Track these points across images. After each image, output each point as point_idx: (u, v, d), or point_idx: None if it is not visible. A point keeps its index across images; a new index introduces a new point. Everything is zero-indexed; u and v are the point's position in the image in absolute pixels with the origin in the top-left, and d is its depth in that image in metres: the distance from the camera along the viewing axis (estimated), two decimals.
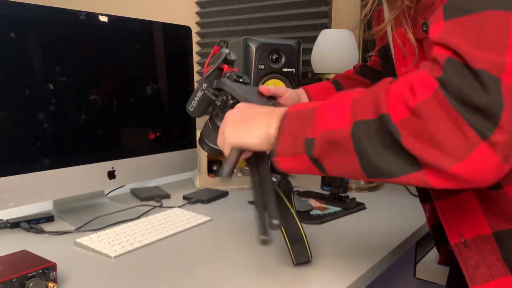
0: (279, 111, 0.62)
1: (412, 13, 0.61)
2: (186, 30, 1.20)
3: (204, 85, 0.79)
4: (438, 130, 0.44)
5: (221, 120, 0.75)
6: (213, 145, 0.79)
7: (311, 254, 0.77)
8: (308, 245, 0.77)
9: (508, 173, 0.45)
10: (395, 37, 0.66)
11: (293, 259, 0.76)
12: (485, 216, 0.60)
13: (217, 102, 0.76)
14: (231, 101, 0.74)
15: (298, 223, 0.77)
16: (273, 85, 0.84)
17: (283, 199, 0.76)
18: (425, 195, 0.80)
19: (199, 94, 0.80)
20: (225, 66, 0.80)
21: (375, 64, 0.98)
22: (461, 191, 0.61)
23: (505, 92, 0.42)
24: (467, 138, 0.43)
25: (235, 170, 0.73)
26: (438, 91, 0.44)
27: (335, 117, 0.53)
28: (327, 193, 1.21)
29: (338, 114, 0.53)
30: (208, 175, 1.32)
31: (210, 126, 0.79)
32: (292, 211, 0.76)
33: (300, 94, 0.92)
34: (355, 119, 0.50)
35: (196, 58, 1.97)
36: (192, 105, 0.82)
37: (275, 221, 0.63)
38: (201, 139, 0.81)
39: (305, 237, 0.77)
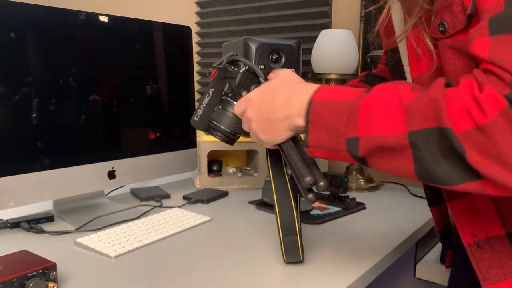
0: (300, 96, 0.60)
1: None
2: (186, 30, 1.20)
3: (211, 90, 0.76)
4: (505, 149, 0.43)
5: (235, 96, 0.72)
6: (229, 130, 0.74)
7: (302, 256, 0.76)
8: (302, 246, 0.76)
9: None
10: (410, 40, 0.64)
11: (284, 255, 0.76)
12: (499, 216, 0.59)
13: (234, 74, 0.71)
14: (249, 74, 0.71)
15: (296, 218, 0.76)
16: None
17: (289, 194, 0.76)
18: (434, 198, 0.80)
19: (206, 99, 0.76)
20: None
21: (381, 72, 0.97)
22: None
23: None
24: None
25: (235, 170, 0.73)
26: (508, 110, 0.43)
27: (386, 123, 0.51)
28: (327, 193, 1.21)
29: (389, 119, 0.51)
30: (208, 175, 1.32)
31: (221, 107, 0.74)
32: (294, 208, 0.76)
33: None
34: (412, 128, 0.49)
35: (196, 58, 1.97)
36: (198, 114, 0.77)
37: (307, 179, 0.62)
38: (211, 127, 0.76)
39: (300, 235, 0.76)
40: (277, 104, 0.63)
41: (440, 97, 0.47)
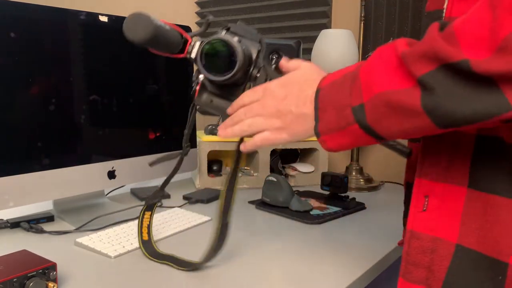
0: (309, 89, 0.59)
1: None
2: (186, 30, 1.20)
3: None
4: None
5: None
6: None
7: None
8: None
9: None
10: None
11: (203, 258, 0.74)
12: None
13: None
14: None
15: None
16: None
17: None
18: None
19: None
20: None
21: None
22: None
23: None
24: None
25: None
26: None
27: (388, 77, 0.48)
28: (327, 193, 1.21)
29: (390, 72, 0.48)
30: (208, 175, 1.32)
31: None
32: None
33: None
34: (418, 74, 0.46)
35: None
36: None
37: None
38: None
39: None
40: (291, 98, 0.61)
41: (439, 37, 0.45)
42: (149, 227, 0.84)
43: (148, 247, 0.82)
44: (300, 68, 0.64)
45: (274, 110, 0.61)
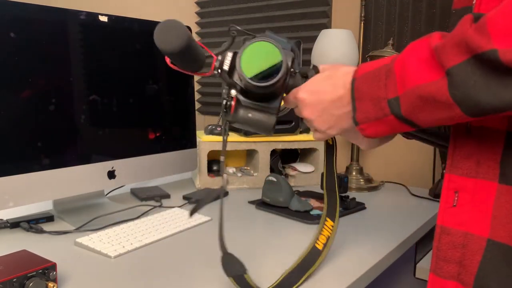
0: (341, 80, 0.61)
1: None
2: None
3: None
4: None
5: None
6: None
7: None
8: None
9: None
10: None
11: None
12: None
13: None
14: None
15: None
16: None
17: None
18: None
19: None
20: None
21: None
22: None
23: None
24: None
25: (235, 170, 0.72)
26: None
27: (420, 70, 0.50)
28: None
29: (422, 66, 0.50)
30: (208, 175, 1.32)
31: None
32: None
33: None
34: (447, 66, 0.47)
35: None
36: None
37: None
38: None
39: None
40: (326, 95, 0.63)
41: (471, 28, 0.45)
42: None
43: None
44: (324, 70, 0.67)
45: (313, 117, 0.65)
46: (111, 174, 1.05)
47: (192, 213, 0.68)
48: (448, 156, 0.59)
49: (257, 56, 0.62)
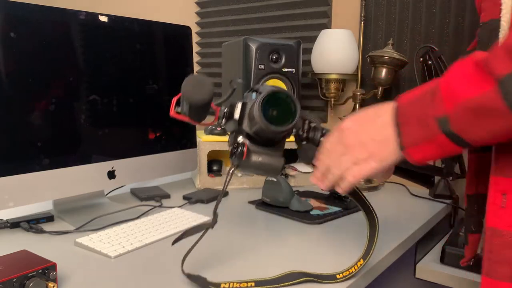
0: (384, 109, 0.60)
1: None
2: (186, 30, 1.20)
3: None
4: None
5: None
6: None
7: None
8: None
9: None
10: None
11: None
12: None
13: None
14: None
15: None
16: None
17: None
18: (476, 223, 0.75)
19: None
20: None
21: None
22: None
23: None
24: None
25: (236, 170, 0.73)
26: None
27: (469, 85, 0.50)
28: (327, 193, 1.21)
29: (471, 81, 0.50)
30: (208, 175, 1.32)
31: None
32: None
33: None
34: (498, 77, 0.47)
35: (196, 58, 1.97)
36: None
37: None
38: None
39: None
40: (366, 131, 0.62)
41: None
42: None
43: None
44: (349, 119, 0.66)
45: (356, 143, 0.63)
46: (111, 174, 1.05)
47: (174, 242, 0.73)
48: (493, 160, 0.59)
49: (275, 104, 0.67)
